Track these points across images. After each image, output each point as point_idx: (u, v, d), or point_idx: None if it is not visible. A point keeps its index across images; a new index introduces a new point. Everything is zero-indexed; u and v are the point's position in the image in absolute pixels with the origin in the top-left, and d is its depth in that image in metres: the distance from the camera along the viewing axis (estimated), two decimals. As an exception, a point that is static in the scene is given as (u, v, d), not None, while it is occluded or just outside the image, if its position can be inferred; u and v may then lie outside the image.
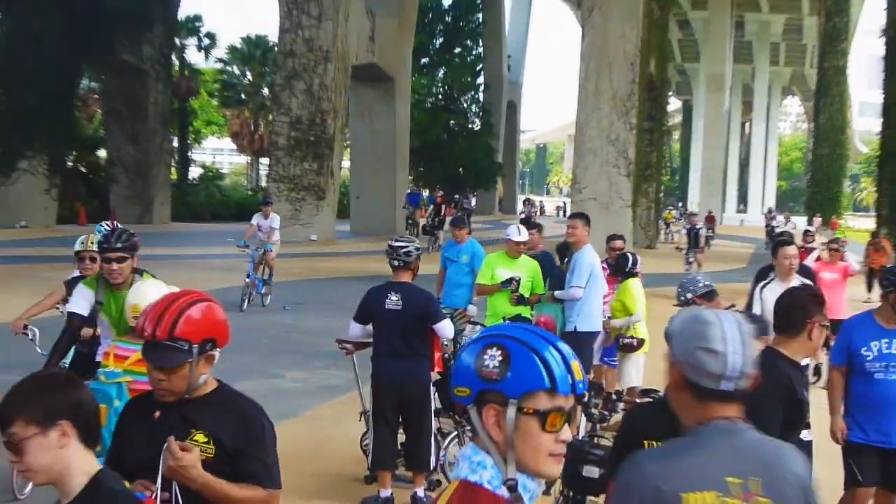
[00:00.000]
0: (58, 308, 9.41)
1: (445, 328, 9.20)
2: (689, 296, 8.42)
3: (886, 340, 6.82)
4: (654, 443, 4.46)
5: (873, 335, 6.91)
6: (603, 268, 11.85)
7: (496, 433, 2.64)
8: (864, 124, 75.01)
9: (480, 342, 2.75)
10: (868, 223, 40.67)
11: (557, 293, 11.06)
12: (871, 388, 6.77)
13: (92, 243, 8.71)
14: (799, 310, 5.72)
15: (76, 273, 9.00)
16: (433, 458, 9.02)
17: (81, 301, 7.25)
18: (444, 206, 31.37)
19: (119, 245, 7.11)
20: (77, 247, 8.93)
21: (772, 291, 9.09)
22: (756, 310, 9.29)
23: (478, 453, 2.72)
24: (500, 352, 2.68)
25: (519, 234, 11.91)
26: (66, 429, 2.81)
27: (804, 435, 5.69)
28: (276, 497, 4.12)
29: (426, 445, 8.95)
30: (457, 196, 46.25)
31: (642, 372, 11.46)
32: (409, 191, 35.34)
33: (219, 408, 4.07)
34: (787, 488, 3.25)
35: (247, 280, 17.67)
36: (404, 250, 9.30)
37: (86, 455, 2.91)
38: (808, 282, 10.32)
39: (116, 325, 7.11)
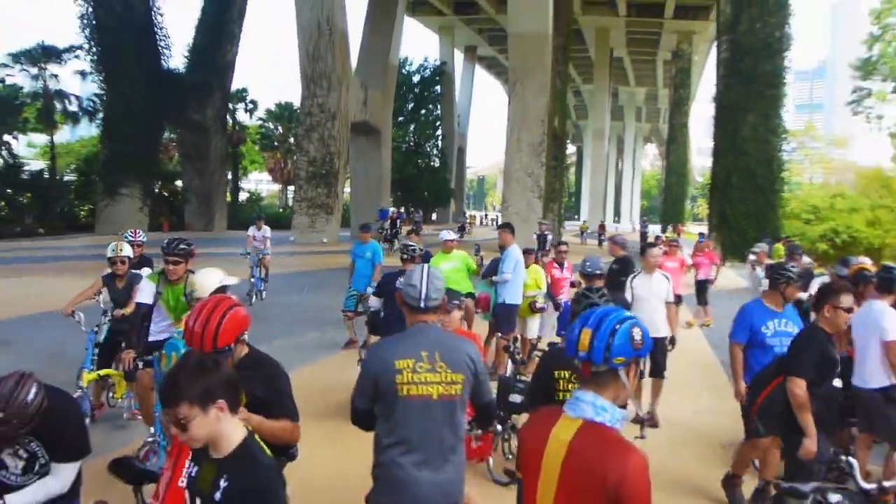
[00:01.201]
0: (95, 297, 9.07)
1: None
2: (589, 270, 8.28)
3: (778, 320, 6.75)
4: (563, 373, 4.69)
5: (769, 317, 6.79)
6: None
7: (633, 384, 2.96)
8: (700, 161, 75.12)
9: (627, 323, 2.94)
10: (702, 228, 40.88)
11: (494, 277, 11.04)
12: (770, 358, 6.52)
13: (120, 250, 8.55)
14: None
15: (108, 272, 8.77)
16: None
17: (146, 292, 7.13)
18: (398, 221, 30.98)
19: (176, 251, 7.05)
20: (109, 254, 8.57)
21: (639, 281, 9.28)
22: (627, 296, 9.06)
23: (598, 399, 2.88)
24: (639, 330, 2.97)
25: (448, 235, 11.99)
26: (222, 405, 2.71)
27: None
28: (298, 426, 4.23)
29: None
30: (412, 212, 46.24)
31: (541, 324, 11.58)
32: (380, 208, 35.06)
33: (249, 371, 3.99)
34: (459, 359, 4.02)
35: (251, 280, 16.91)
36: (411, 248, 10.24)
37: (234, 422, 2.80)
38: (669, 274, 10.25)
39: (173, 310, 7.07)
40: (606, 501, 2.66)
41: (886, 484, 4.56)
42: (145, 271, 8.95)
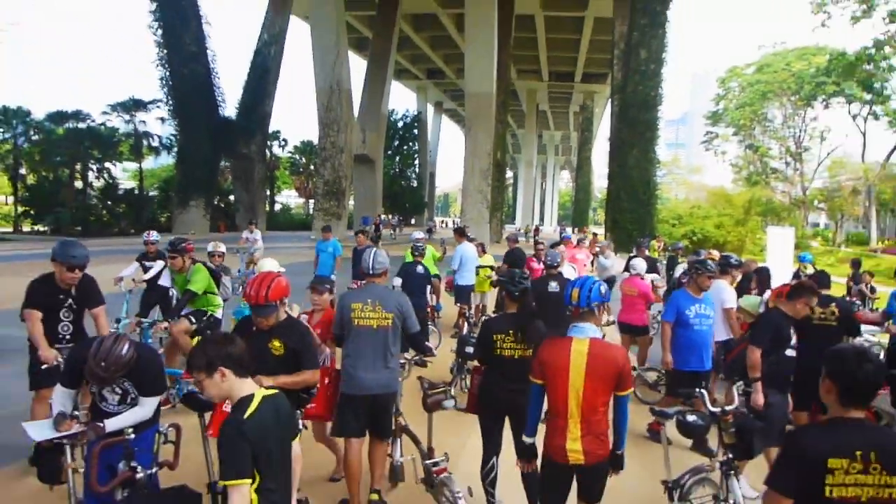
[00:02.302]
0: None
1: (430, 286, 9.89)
2: (549, 262, 7.84)
3: (699, 305, 6.46)
4: (498, 335, 4.64)
5: (691, 302, 6.49)
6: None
7: (604, 317, 4.03)
8: (600, 183, 75.54)
9: (597, 284, 3.80)
10: (600, 230, 41.18)
11: (453, 266, 11.08)
12: (692, 335, 6.41)
13: (217, 247, 9.00)
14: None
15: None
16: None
17: (166, 277, 7.67)
18: (379, 225, 30.41)
19: (175, 249, 7.03)
20: (209, 249, 8.97)
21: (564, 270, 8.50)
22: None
23: (591, 326, 3.69)
24: (604, 287, 3.84)
25: (418, 234, 12.21)
26: (223, 372, 2.67)
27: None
28: (318, 372, 4.34)
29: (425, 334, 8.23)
30: (393, 217, 46.08)
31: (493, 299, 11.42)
32: (364, 216, 34.74)
33: (286, 329, 4.20)
34: (390, 305, 4.81)
35: (237, 275, 13.66)
36: (420, 245, 9.95)
37: (241, 382, 2.72)
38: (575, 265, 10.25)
39: (181, 290, 7.15)
40: (615, 376, 3.54)
41: (727, 408, 4.64)
42: (159, 263, 9.08)
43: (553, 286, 7.52)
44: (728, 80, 56.76)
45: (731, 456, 4.66)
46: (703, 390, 4.86)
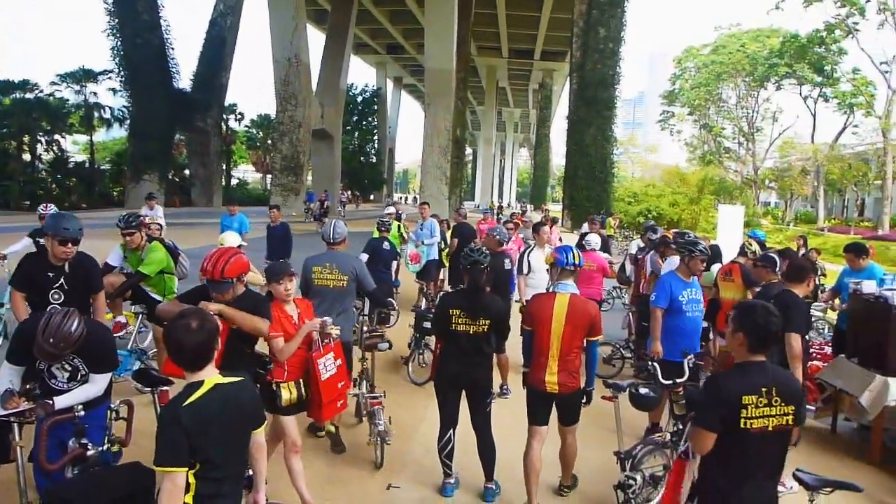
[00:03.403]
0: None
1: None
2: (497, 238, 7.65)
3: (690, 289, 5.88)
4: (454, 310, 4.70)
5: (682, 287, 5.87)
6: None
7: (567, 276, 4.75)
8: (557, 161, 75.85)
9: (573, 250, 4.81)
10: (558, 207, 41.49)
11: (426, 241, 11.05)
12: (684, 322, 5.84)
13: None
14: (804, 268, 5.39)
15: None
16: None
17: (114, 256, 6.42)
18: (325, 202, 29.27)
19: (130, 224, 6.34)
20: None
21: (534, 255, 8.08)
22: (524, 267, 7.94)
23: (571, 284, 4.72)
24: (577, 253, 4.83)
25: (390, 210, 12.14)
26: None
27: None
28: (268, 324, 4.03)
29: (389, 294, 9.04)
30: (341, 194, 44.47)
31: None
32: (308, 192, 33.97)
33: (245, 301, 3.98)
34: (346, 268, 5.59)
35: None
36: (386, 221, 9.86)
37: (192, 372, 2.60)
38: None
39: (135, 268, 6.42)
40: (589, 325, 4.52)
41: (679, 380, 4.74)
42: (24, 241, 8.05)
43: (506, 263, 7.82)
44: (684, 60, 57.32)
45: (681, 427, 4.77)
46: (654, 363, 4.96)
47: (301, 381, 4.34)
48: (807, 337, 5.60)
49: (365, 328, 5.86)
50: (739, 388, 2.86)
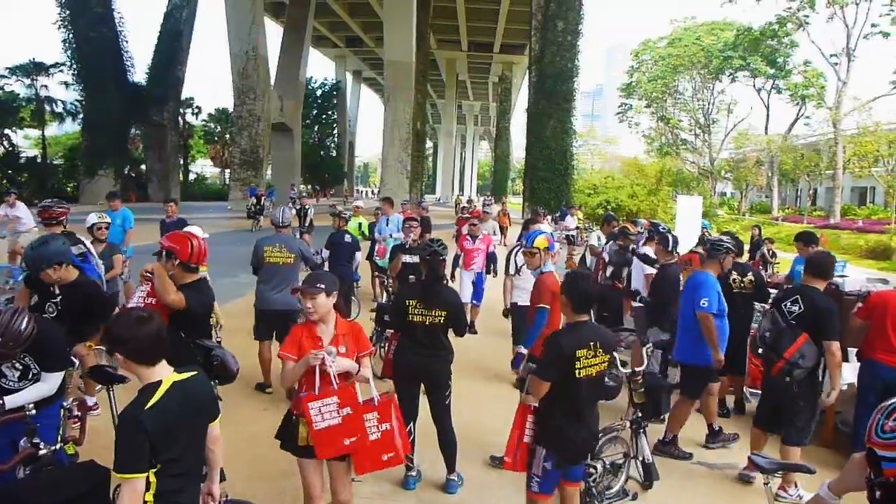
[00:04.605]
0: None
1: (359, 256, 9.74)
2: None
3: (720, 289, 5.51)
4: (411, 301, 4.73)
5: (717, 286, 5.50)
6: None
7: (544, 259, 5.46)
8: (518, 153, 76.09)
9: (542, 234, 5.42)
10: (518, 200, 41.62)
11: (396, 235, 11.06)
12: (721, 324, 5.43)
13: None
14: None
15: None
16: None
17: None
18: (263, 198, 27.56)
19: (57, 210, 6.49)
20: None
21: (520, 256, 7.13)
22: (511, 268, 7.45)
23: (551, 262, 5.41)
24: (545, 236, 5.46)
25: (359, 204, 12.27)
26: (119, 357, 2.51)
27: None
28: (183, 299, 3.96)
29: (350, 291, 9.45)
30: (291, 189, 42.90)
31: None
32: (250, 185, 32.96)
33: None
34: (293, 248, 6.75)
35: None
36: (345, 215, 9.96)
37: (146, 369, 2.48)
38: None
39: None
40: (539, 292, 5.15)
41: (637, 369, 4.82)
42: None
43: None
44: (641, 52, 57.89)
45: (640, 415, 4.85)
46: (615, 354, 5.02)
47: None
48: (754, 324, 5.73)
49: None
50: (575, 344, 3.52)
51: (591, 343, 3.55)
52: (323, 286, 3.44)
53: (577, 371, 3.49)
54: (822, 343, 4.72)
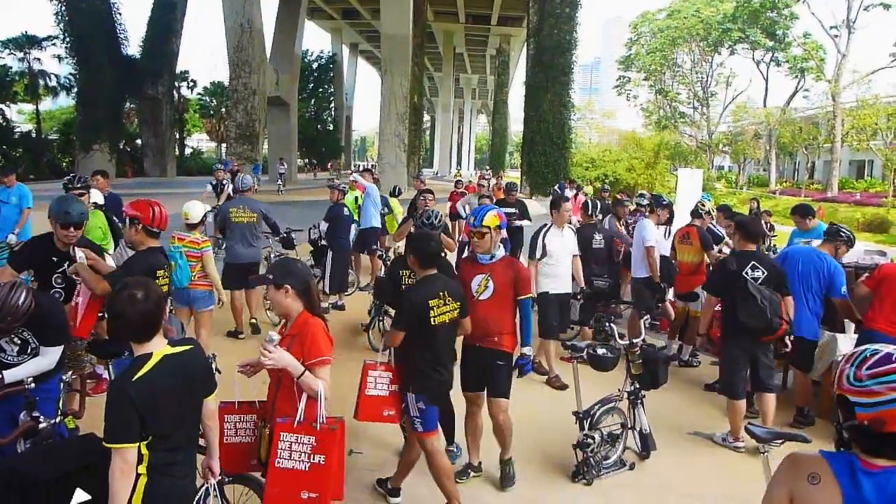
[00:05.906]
0: None
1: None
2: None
3: None
4: (405, 271, 4.75)
5: None
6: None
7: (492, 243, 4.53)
8: (515, 127, 75.67)
9: (493, 211, 4.52)
10: (516, 174, 41.59)
11: (383, 211, 11.09)
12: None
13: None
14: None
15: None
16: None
17: None
18: (224, 183, 26.62)
19: (79, 186, 6.42)
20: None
21: (551, 236, 6.71)
22: (537, 252, 6.62)
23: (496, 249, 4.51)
24: (495, 212, 4.53)
25: (357, 177, 11.91)
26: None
27: None
28: (107, 287, 4.20)
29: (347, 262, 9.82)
30: (279, 164, 40.91)
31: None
32: (225, 160, 32.28)
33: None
34: (255, 209, 7.72)
35: None
36: (340, 187, 9.77)
37: (140, 343, 2.49)
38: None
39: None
40: (516, 281, 4.37)
41: (635, 340, 4.83)
42: None
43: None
44: (640, 25, 57.50)
45: (637, 386, 4.87)
46: (610, 324, 5.06)
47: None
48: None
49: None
50: (426, 296, 3.82)
51: (441, 293, 3.85)
52: (271, 277, 3.12)
53: (432, 319, 3.80)
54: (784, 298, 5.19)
